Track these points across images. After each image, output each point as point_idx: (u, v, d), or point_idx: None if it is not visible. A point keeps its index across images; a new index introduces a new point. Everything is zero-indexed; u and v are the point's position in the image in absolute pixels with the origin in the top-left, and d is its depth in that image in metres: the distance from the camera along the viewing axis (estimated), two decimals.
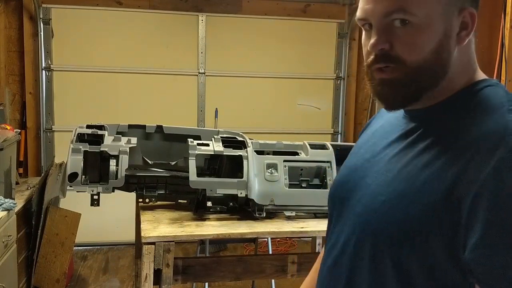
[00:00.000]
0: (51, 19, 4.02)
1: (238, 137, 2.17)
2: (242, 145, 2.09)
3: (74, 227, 3.17)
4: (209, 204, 1.98)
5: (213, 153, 2.03)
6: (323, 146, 2.17)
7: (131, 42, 4.17)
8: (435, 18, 0.79)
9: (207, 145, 2.05)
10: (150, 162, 2.18)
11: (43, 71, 4.04)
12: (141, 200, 2.13)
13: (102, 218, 3.90)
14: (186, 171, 1.97)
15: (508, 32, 2.22)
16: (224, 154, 2.04)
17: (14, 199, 2.73)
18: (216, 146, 2.04)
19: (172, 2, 4.20)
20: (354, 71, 4.60)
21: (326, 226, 1.01)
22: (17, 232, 2.68)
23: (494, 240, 0.69)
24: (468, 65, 0.84)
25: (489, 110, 0.78)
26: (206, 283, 2.98)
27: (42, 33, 3.98)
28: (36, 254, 3.04)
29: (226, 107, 4.36)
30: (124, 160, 2.00)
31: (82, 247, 4.05)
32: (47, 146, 4.12)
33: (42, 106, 4.05)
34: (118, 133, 2.20)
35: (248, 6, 4.33)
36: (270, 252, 3.05)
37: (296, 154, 2.16)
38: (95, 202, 2.04)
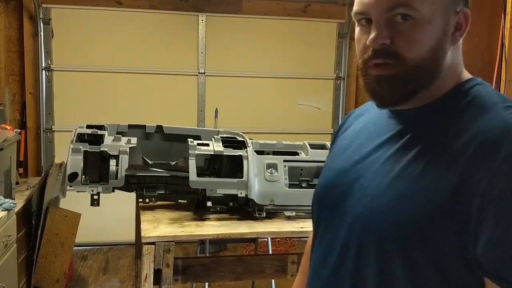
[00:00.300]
0: (51, 19, 4.02)
1: (238, 137, 2.17)
2: (242, 145, 2.09)
3: (74, 227, 3.17)
4: (209, 204, 1.98)
5: (213, 153, 2.02)
6: (323, 146, 2.17)
7: (131, 42, 4.17)
8: (436, 15, 0.79)
9: (207, 145, 2.04)
10: (150, 162, 2.18)
11: (43, 71, 4.04)
12: (141, 200, 2.13)
13: (102, 218, 3.90)
14: (186, 171, 1.97)
15: (508, 32, 2.21)
16: (224, 154, 2.04)
17: (14, 199, 2.73)
18: (216, 146, 2.04)
19: (172, 2, 4.20)
20: (354, 71, 4.59)
21: None
22: (17, 232, 2.68)
23: (506, 233, 0.70)
24: (457, 65, 0.85)
25: (483, 108, 0.79)
26: (206, 283, 2.98)
27: (42, 33, 3.98)
28: (36, 254, 3.03)
29: (226, 107, 4.36)
30: (124, 160, 2.00)
31: (82, 247, 4.05)
32: (47, 146, 4.12)
33: (42, 106, 4.05)
34: (118, 133, 2.20)
35: (248, 6, 4.33)
36: (270, 252, 3.05)
37: (296, 154, 2.16)
38: (95, 202, 2.04)
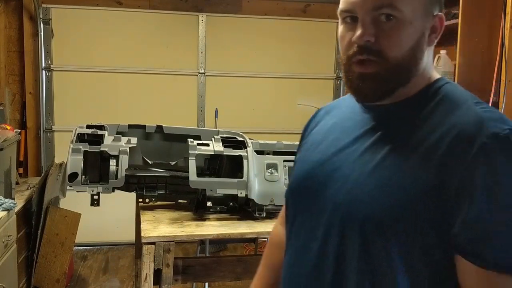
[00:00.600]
0: (51, 19, 4.01)
1: (238, 137, 2.17)
2: (242, 145, 2.09)
3: (74, 227, 3.17)
4: (209, 204, 1.99)
5: (213, 153, 2.03)
6: None
7: (131, 42, 4.17)
8: (417, 17, 0.85)
9: (207, 145, 2.05)
10: (150, 162, 2.18)
11: (43, 71, 4.04)
12: (141, 200, 2.13)
13: (102, 218, 3.90)
14: (186, 171, 1.97)
15: (508, 32, 2.21)
16: (224, 154, 2.04)
17: (14, 199, 2.73)
18: (216, 146, 2.04)
19: (172, 2, 4.20)
20: None
21: None
22: (17, 232, 2.68)
23: (481, 212, 0.76)
24: (429, 65, 0.91)
25: (455, 103, 0.85)
26: (206, 283, 2.98)
27: (42, 33, 3.98)
28: (36, 254, 3.03)
29: (226, 107, 4.36)
30: (124, 160, 2.00)
31: (82, 247, 4.05)
32: (47, 146, 4.12)
33: (42, 106, 4.04)
34: (118, 133, 2.20)
35: (248, 6, 4.33)
36: None
37: (296, 154, 2.15)
38: (95, 202, 2.04)
